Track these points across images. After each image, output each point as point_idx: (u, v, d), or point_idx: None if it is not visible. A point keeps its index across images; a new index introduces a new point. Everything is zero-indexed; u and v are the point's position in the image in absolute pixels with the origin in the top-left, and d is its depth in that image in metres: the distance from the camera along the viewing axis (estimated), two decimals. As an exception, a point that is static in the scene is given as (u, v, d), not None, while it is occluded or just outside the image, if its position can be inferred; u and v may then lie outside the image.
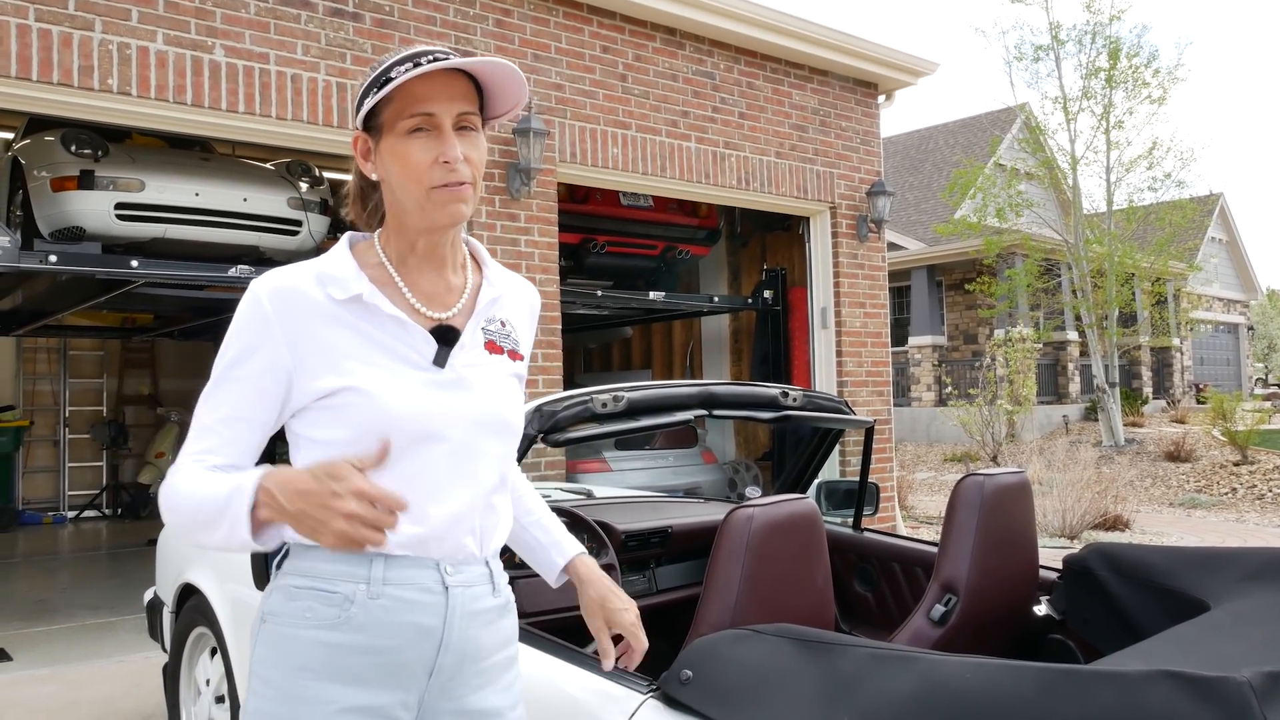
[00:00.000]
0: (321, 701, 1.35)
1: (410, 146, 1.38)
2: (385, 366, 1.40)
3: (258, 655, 1.40)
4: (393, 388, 1.39)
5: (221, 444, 1.38)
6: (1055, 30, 16.19)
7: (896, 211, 20.74)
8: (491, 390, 1.50)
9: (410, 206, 1.41)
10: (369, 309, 1.41)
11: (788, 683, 1.51)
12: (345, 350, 1.39)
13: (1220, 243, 28.93)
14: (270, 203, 6.46)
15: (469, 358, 1.48)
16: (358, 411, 1.38)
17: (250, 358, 1.38)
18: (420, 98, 1.37)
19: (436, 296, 1.49)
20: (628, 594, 1.74)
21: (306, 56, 5.53)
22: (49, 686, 4.60)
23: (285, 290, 1.39)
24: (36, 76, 4.69)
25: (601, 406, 2.40)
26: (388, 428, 1.37)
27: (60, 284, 7.32)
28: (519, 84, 1.44)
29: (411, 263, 1.48)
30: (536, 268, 6.38)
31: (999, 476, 2.47)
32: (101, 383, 11.98)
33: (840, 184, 8.27)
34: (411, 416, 1.40)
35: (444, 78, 1.39)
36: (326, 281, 1.41)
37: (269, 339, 1.37)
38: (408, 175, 1.39)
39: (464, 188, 1.40)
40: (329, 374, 1.38)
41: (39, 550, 9.05)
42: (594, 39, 6.78)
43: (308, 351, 1.38)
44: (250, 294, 1.40)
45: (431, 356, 1.44)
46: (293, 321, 1.38)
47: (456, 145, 1.39)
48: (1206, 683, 1.22)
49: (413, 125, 1.38)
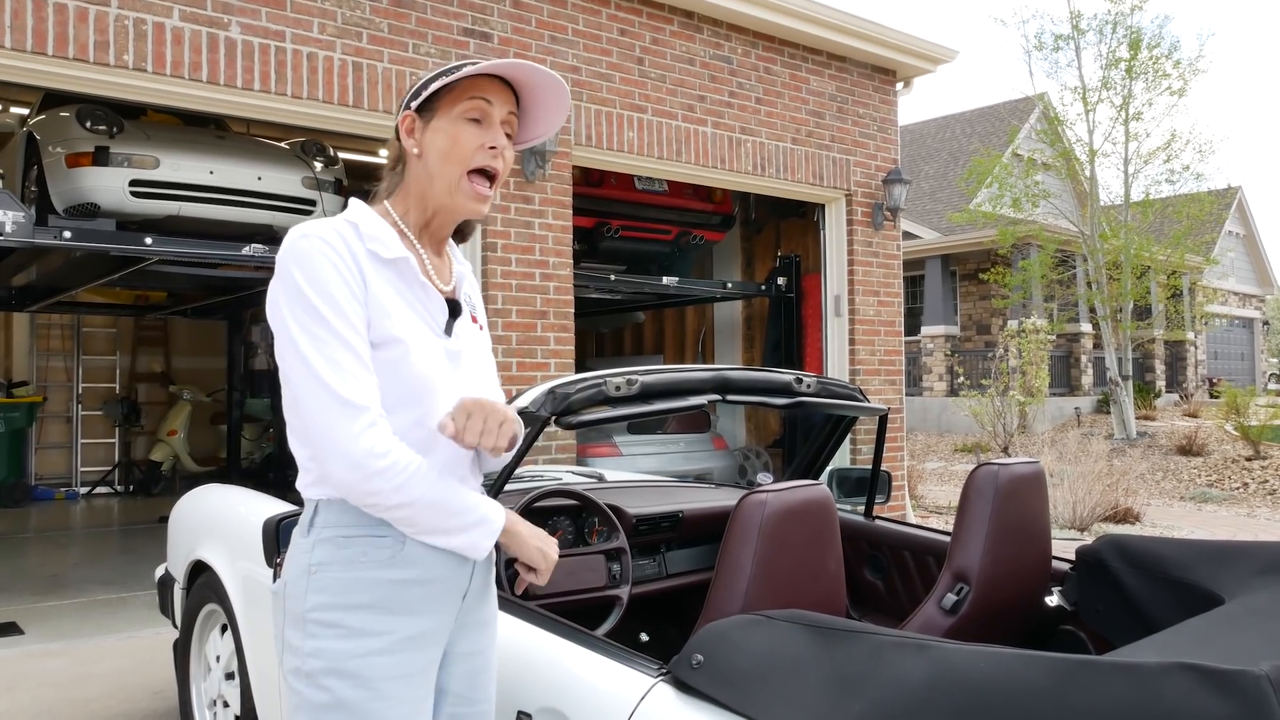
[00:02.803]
0: (384, 633, 1.48)
1: (463, 129, 1.55)
2: (417, 327, 1.54)
3: (312, 602, 1.48)
4: (428, 348, 1.54)
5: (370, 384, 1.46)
6: (1076, 20, 16.05)
7: (911, 200, 20.63)
8: (481, 358, 1.68)
9: (441, 184, 1.56)
10: (405, 272, 1.55)
11: (799, 668, 1.50)
12: (392, 304, 1.51)
13: (1237, 237, 28.70)
14: (285, 182, 6.46)
15: (463, 328, 1.64)
16: (404, 366, 1.50)
17: (353, 293, 1.46)
18: (480, 89, 1.56)
19: (439, 270, 1.64)
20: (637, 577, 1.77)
21: (323, 35, 5.51)
22: (60, 661, 4.64)
23: (338, 237, 1.49)
24: (52, 51, 4.69)
25: (615, 390, 2.39)
26: (425, 384, 1.52)
27: (74, 260, 7.34)
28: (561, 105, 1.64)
29: (424, 237, 1.63)
30: (550, 251, 6.37)
31: (1014, 466, 2.45)
32: (114, 360, 12.03)
33: (856, 171, 8.22)
34: (440, 379, 1.54)
35: (502, 86, 1.58)
36: (370, 239, 1.52)
37: (354, 277, 1.47)
38: (452, 154, 1.55)
39: (490, 186, 1.58)
40: (385, 320, 1.49)
41: (51, 525, 9.11)
42: (611, 21, 6.75)
43: (370, 297, 1.49)
44: (311, 242, 1.47)
45: (444, 325, 1.60)
46: (356, 264, 1.48)
47: (503, 137, 1.58)
48: (1224, 676, 1.20)
49: (467, 110, 1.55)
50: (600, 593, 2.78)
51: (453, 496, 1.49)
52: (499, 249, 6.15)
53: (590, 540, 2.97)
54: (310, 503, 1.54)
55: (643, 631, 3.10)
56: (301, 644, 1.48)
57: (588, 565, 2.80)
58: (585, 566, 2.79)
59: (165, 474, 11.25)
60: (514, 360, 6.17)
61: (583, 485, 3.24)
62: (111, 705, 4.01)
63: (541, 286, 6.34)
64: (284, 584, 1.53)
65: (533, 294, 6.30)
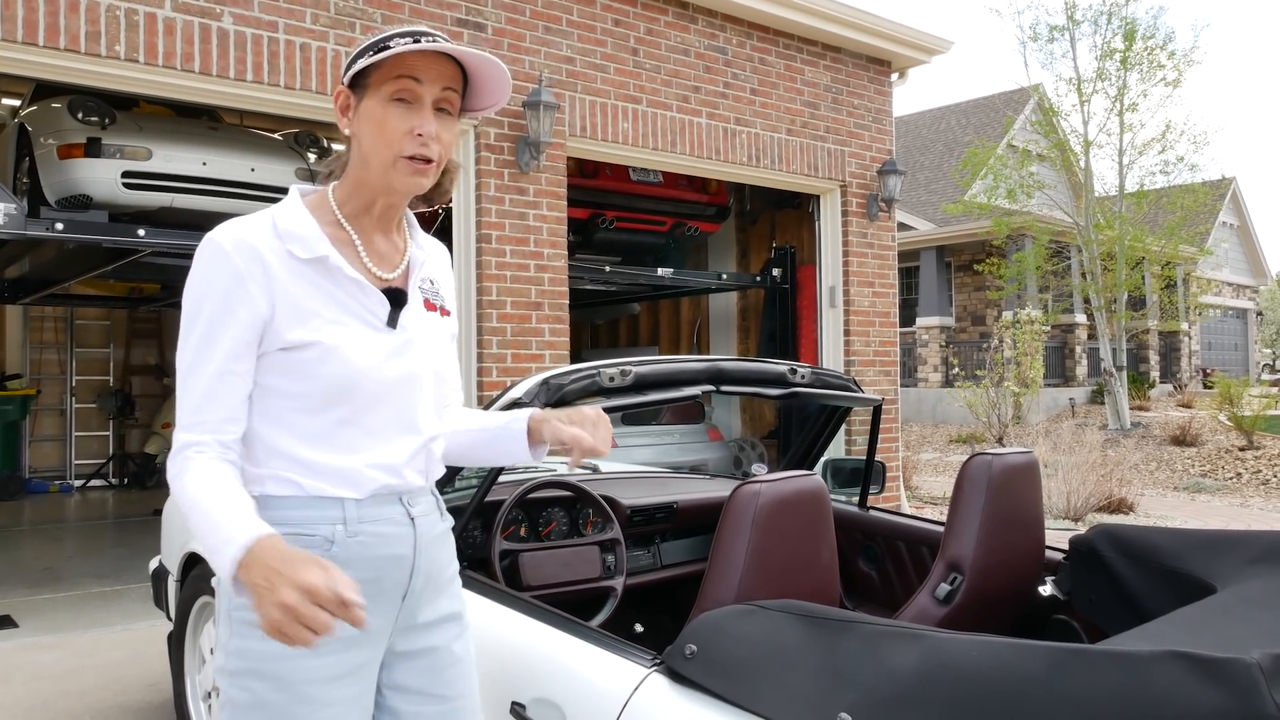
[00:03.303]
0: None
1: (389, 113, 1.45)
2: (348, 326, 1.48)
3: (237, 600, 1.41)
4: (356, 347, 1.47)
5: (226, 404, 1.44)
6: (1071, 10, 16.04)
7: (906, 191, 20.62)
8: (432, 348, 1.60)
9: (375, 168, 1.48)
10: (331, 269, 1.49)
11: (792, 658, 1.51)
12: (312, 307, 1.46)
13: (1231, 227, 28.73)
14: (278, 173, 6.44)
15: (413, 317, 1.57)
16: (323, 368, 1.45)
17: (233, 310, 1.43)
18: (410, 66, 1.45)
19: (386, 256, 1.57)
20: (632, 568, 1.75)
21: (315, 25, 5.49)
22: (55, 654, 4.64)
23: (250, 243, 1.44)
24: (43, 42, 4.67)
25: (609, 380, 2.39)
26: (352, 386, 1.47)
27: (67, 252, 7.32)
28: (503, 84, 1.53)
29: (365, 222, 1.55)
30: (545, 242, 6.36)
31: (1007, 456, 2.46)
32: (108, 352, 11.99)
33: (851, 162, 8.21)
34: (373, 376, 1.49)
35: (435, 58, 1.47)
36: (288, 238, 1.46)
37: (244, 291, 1.43)
38: (381, 139, 1.46)
39: (429, 165, 1.48)
40: (298, 327, 1.44)
41: (45, 518, 9.09)
42: (606, 12, 6.73)
43: (278, 303, 1.44)
44: (213, 247, 1.43)
45: (385, 317, 1.52)
46: (263, 273, 1.43)
47: (432, 122, 1.47)
48: (1215, 664, 1.21)
49: (396, 91, 1.45)
50: (595, 584, 2.78)
51: (210, 516, 1.35)
52: (493, 241, 6.13)
53: (585, 531, 2.98)
54: None
55: (638, 622, 3.10)
56: (228, 641, 1.45)
57: (582, 556, 2.80)
58: (580, 558, 2.79)
59: (159, 466, 11.22)
60: (509, 352, 6.16)
61: (577, 476, 3.24)
62: (106, 697, 4.01)
63: (536, 278, 6.33)
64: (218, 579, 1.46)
65: (527, 285, 6.29)
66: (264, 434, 1.48)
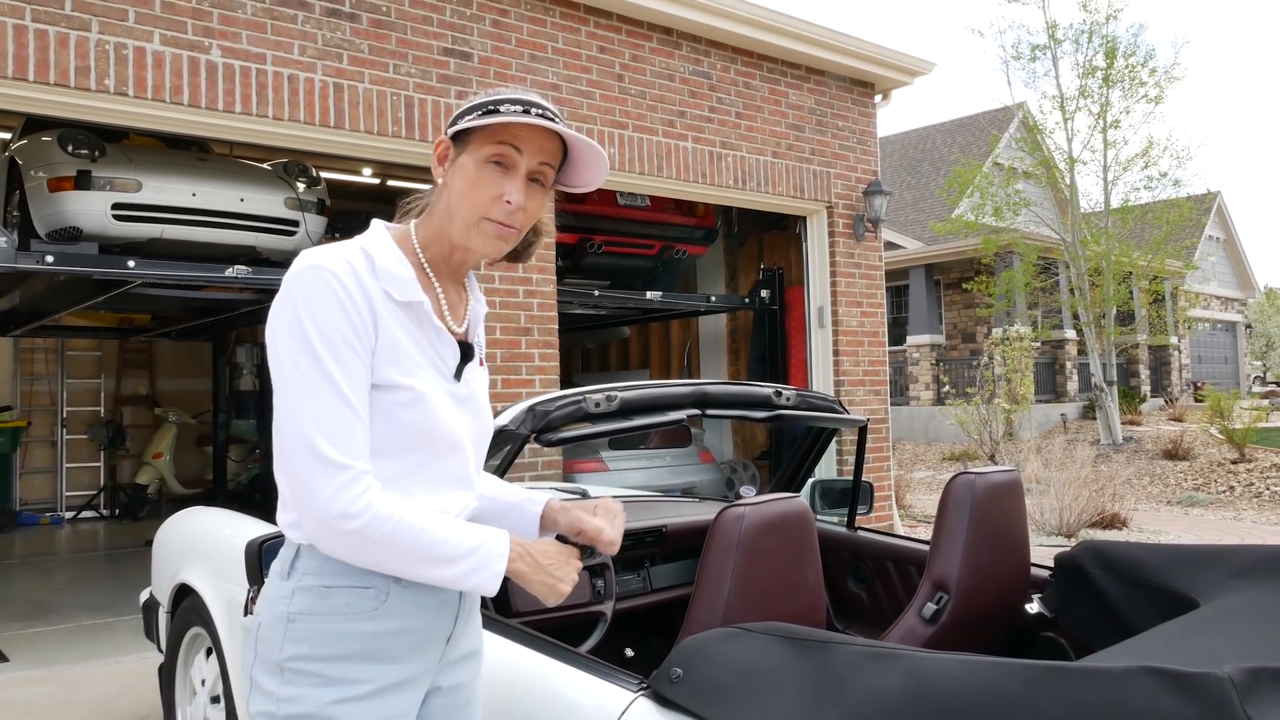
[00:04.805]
0: (364, 680, 1.44)
1: (484, 173, 1.46)
2: (431, 373, 1.50)
3: (290, 652, 1.43)
4: (438, 396, 1.49)
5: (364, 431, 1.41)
6: (1052, 29, 16.21)
7: (894, 211, 20.76)
8: (485, 403, 1.63)
9: (458, 223, 1.49)
10: (420, 316, 1.49)
11: (776, 680, 1.52)
12: (404, 349, 1.46)
13: (1218, 241, 28.94)
14: (267, 203, 6.46)
15: (471, 371, 1.59)
16: (410, 413, 1.45)
17: (357, 332, 1.40)
18: (513, 135, 1.46)
19: (455, 308, 1.58)
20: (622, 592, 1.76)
21: (303, 57, 5.53)
22: (46, 687, 4.61)
23: (354, 272, 1.42)
24: (33, 77, 4.70)
25: (594, 406, 2.41)
26: (432, 434, 1.48)
27: (57, 284, 7.32)
28: (601, 169, 1.55)
29: (443, 270, 1.56)
30: (533, 268, 6.39)
31: (990, 475, 2.48)
32: (99, 383, 11.98)
33: (837, 183, 8.27)
34: (449, 427, 1.51)
35: (540, 130, 1.48)
36: (385, 277, 1.45)
37: (360, 316, 1.41)
38: (470, 197, 1.46)
39: (510, 230, 1.49)
40: (392, 366, 1.44)
41: (36, 551, 9.05)
42: (591, 39, 6.79)
43: (380, 340, 1.43)
44: (323, 272, 1.39)
45: (454, 369, 1.54)
46: (368, 303, 1.42)
47: (522, 191, 1.47)
48: (1188, 678, 1.23)
49: (494, 154, 1.46)
50: (584, 609, 2.79)
51: (445, 540, 1.40)
52: (481, 266, 6.16)
53: (574, 556, 2.98)
54: (290, 545, 1.49)
55: (628, 647, 3.11)
56: (277, 689, 1.44)
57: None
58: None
59: (151, 497, 11.19)
60: (499, 377, 6.18)
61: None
62: (98, 731, 3.99)
63: (525, 303, 6.36)
64: (258, 624, 1.47)
65: (516, 311, 6.32)
66: None
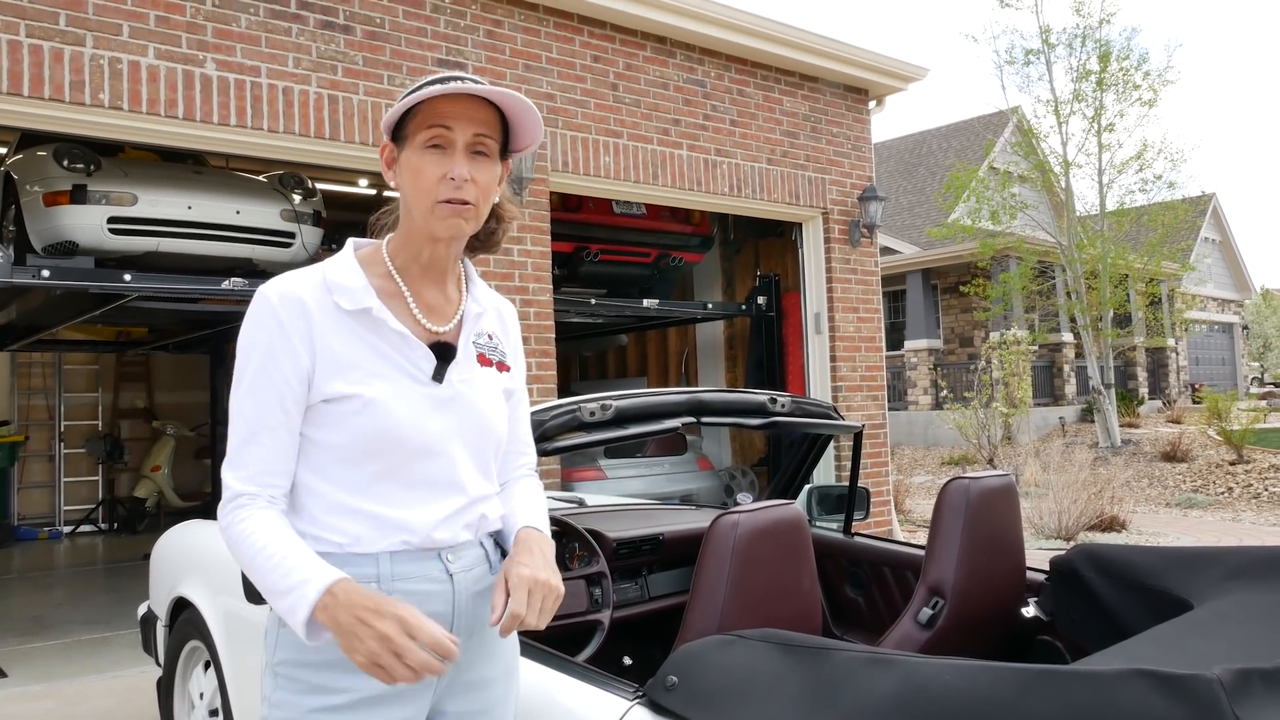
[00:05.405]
0: (343, 690, 1.44)
1: (424, 161, 1.47)
2: (390, 379, 1.49)
3: (279, 656, 1.48)
4: (397, 400, 1.48)
5: (269, 454, 1.46)
6: (1045, 34, 16.26)
7: (891, 216, 20.80)
8: (482, 403, 1.58)
9: (417, 217, 1.50)
10: (376, 321, 1.50)
11: (771, 687, 1.53)
12: (353, 359, 1.48)
13: (1213, 243, 28.99)
14: (263, 215, 6.47)
15: (463, 372, 1.56)
16: (362, 420, 1.46)
17: (276, 362, 1.45)
18: (440, 114, 1.47)
19: (437, 308, 1.57)
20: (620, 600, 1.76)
21: (298, 69, 5.55)
22: (44, 703, 4.60)
23: (296, 296, 1.47)
24: (28, 92, 4.71)
25: (590, 415, 2.42)
26: (390, 439, 1.47)
27: (54, 299, 7.32)
28: (534, 119, 1.53)
29: (415, 272, 1.56)
30: (530, 277, 6.40)
31: (984, 480, 2.49)
32: (97, 397, 11.97)
33: (832, 189, 8.29)
34: (413, 430, 1.49)
35: (467, 101, 1.48)
36: (334, 290, 1.49)
37: (287, 343, 1.45)
38: (417, 187, 1.48)
39: (466, 207, 1.48)
40: (338, 379, 1.46)
41: (34, 566, 9.03)
42: (585, 49, 6.81)
43: (321, 356, 1.46)
44: (262, 300, 1.47)
45: (431, 371, 1.53)
46: (306, 326, 1.46)
47: (465, 165, 1.47)
48: (1178, 680, 1.24)
49: (429, 139, 1.47)
50: (581, 618, 2.79)
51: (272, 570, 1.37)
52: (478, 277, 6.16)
53: (571, 565, 2.99)
54: None
55: (626, 655, 3.11)
56: (270, 693, 1.49)
57: (569, 590, 2.81)
58: (566, 592, 2.80)
59: (150, 510, 11.18)
60: (496, 387, 6.18)
61: (562, 510, 3.25)
62: (97, 746, 3.99)
63: (522, 313, 6.37)
64: (264, 629, 1.53)
65: (513, 320, 6.31)
66: (308, 485, 1.50)
